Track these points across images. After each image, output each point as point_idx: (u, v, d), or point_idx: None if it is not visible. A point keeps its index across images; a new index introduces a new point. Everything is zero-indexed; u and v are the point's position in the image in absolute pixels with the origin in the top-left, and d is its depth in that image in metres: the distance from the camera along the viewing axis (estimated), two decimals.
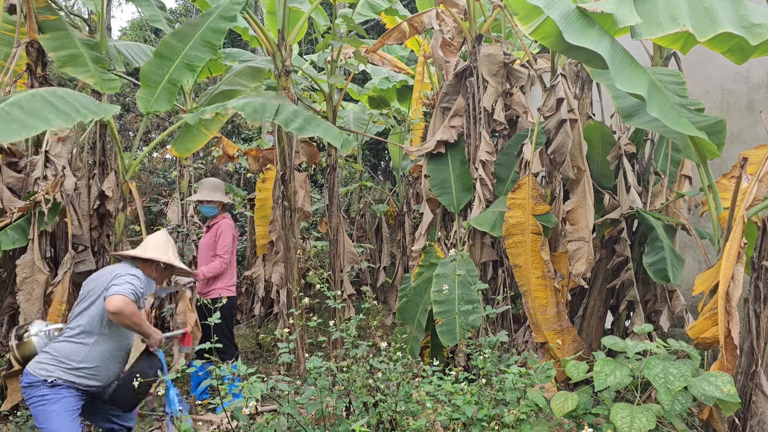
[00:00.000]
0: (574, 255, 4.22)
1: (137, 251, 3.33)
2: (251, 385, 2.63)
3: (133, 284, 3.05)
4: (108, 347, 3.11)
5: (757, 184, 3.18)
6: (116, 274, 3.11)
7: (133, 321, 2.98)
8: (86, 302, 3.12)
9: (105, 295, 2.99)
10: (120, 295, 2.93)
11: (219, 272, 4.89)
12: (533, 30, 3.32)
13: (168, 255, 3.40)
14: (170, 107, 4.40)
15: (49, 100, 3.44)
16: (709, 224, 4.49)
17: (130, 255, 3.32)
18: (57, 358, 2.99)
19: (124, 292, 2.95)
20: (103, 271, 3.31)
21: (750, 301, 3.14)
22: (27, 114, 3.28)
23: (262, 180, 6.14)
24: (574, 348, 4.14)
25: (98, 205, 4.67)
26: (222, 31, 4.45)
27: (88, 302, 3.11)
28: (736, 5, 3.09)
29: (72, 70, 4.38)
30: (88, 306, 3.10)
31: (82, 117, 3.48)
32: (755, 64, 5.38)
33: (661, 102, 3.13)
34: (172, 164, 9.88)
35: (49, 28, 4.44)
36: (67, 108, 3.46)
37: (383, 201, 9.47)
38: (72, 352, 3.01)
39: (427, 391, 2.85)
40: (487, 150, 4.88)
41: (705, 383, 2.58)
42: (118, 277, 3.08)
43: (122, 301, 2.92)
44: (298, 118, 4.06)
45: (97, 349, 3.07)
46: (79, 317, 3.10)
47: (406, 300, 4.83)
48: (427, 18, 5.52)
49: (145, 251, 3.32)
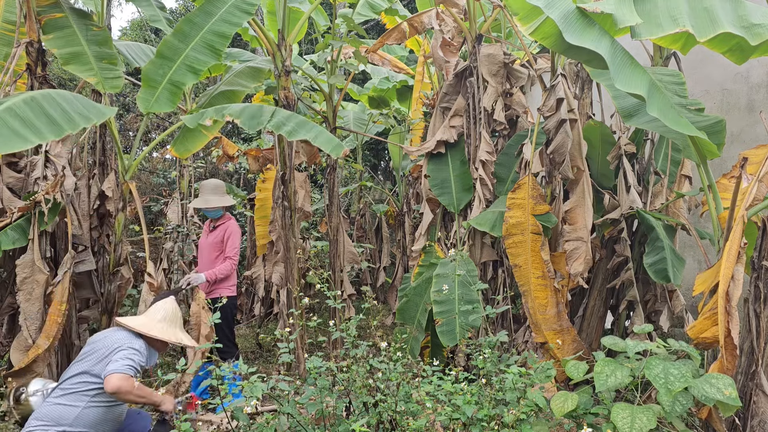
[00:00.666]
0: (572, 255, 4.22)
1: (142, 325, 3.23)
2: (251, 385, 2.64)
3: (133, 360, 2.97)
4: (99, 412, 2.98)
5: (757, 184, 3.18)
6: (117, 347, 3.03)
7: (136, 395, 2.91)
8: (84, 364, 3.02)
9: (103, 372, 2.92)
10: (118, 374, 2.85)
11: (229, 274, 4.90)
12: (533, 30, 3.32)
13: (175, 331, 3.31)
14: (172, 108, 4.41)
15: (43, 108, 3.41)
16: (709, 224, 4.50)
17: (135, 330, 3.21)
18: (47, 424, 2.86)
19: (122, 370, 2.87)
20: (108, 333, 3.20)
21: (750, 301, 3.14)
22: (20, 123, 3.25)
23: (262, 180, 6.14)
24: (574, 348, 4.14)
25: (98, 205, 4.67)
26: (227, 36, 4.44)
27: (85, 365, 3.01)
28: (736, 5, 3.09)
29: (75, 68, 4.37)
30: (85, 370, 3.00)
31: (72, 127, 3.44)
32: (755, 64, 5.38)
33: (661, 102, 3.13)
34: (172, 164, 9.89)
35: (54, 27, 4.43)
36: (59, 117, 3.43)
37: (383, 201, 9.47)
38: (61, 416, 2.88)
39: (427, 391, 2.85)
40: (487, 150, 4.88)
41: (706, 385, 2.58)
42: (119, 351, 3.00)
43: (121, 380, 2.84)
44: (290, 122, 4.12)
45: (88, 413, 2.94)
46: (75, 378, 3.00)
47: (406, 300, 4.83)
48: (427, 18, 5.52)
49: (150, 329, 3.22)
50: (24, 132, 3.24)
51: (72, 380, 3.00)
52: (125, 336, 3.15)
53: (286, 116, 4.18)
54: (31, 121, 3.31)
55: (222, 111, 4.18)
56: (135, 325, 3.23)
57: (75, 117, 3.52)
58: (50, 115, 3.42)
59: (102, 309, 4.65)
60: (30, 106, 3.40)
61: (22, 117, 3.30)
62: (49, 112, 3.44)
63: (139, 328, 3.21)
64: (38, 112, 3.40)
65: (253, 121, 4.08)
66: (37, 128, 3.31)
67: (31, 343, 4.08)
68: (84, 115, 3.58)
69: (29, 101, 3.43)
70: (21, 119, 3.28)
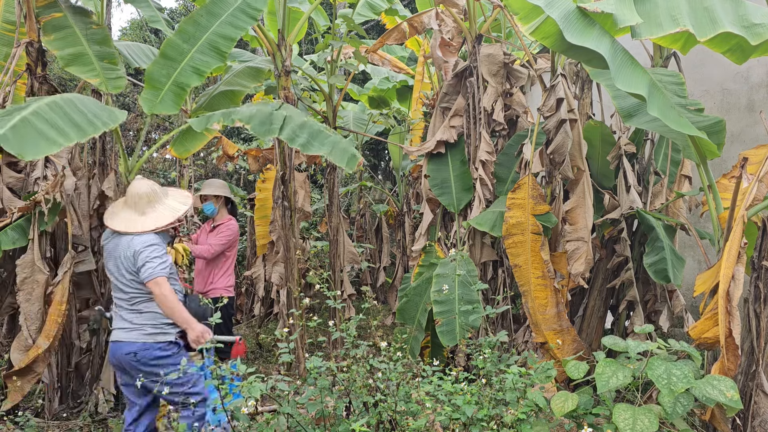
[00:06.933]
0: (573, 255, 4.21)
1: (140, 225, 3.34)
2: (251, 385, 2.63)
3: (166, 261, 3.25)
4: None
5: (757, 184, 3.18)
6: (135, 250, 3.22)
7: (172, 301, 3.19)
8: (121, 282, 3.30)
9: (142, 278, 3.19)
10: (160, 277, 3.17)
11: (201, 255, 4.91)
12: (533, 30, 3.32)
13: (166, 205, 3.50)
14: (176, 110, 4.35)
15: (65, 111, 3.50)
16: (709, 224, 4.49)
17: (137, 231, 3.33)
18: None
19: (163, 274, 3.19)
20: (122, 242, 3.32)
21: (750, 301, 3.15)
22: (48, 126, 3.35)
23: (262, 180, 6.14)
24: (574, 348, 4.14)
25: (98, 205, 4.67)
26: (233, 39, 4.38)
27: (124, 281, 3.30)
28: (736, 5, 3.09)
29: (77, 69, 4.32)
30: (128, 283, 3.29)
31: (94, 130, 3.54)
32: (755, 63, 5.38)
33: (661, 102, 3.13)
34: (172, 164, 9.88)
35: (54, 27, 4.40)
36: (80, 120, 3.52)
37: (383, 201, 9.46)
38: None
39: (426, 391, 2.85)
40: (487, 150, 4.88)
41: (708, 386, 2.58)
42: (140, 254, 3.21)
43: (159, 284, 3.17)
44: (304, 132, 3.94)
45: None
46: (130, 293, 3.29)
47: (406, 300, 4.83)
48: (426, 18, 5.52)
49: (146, 225, 3.36)
50: (51, 134, 3.32)
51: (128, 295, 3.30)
52: (140, 239, 3.30)
53: (299, 124, 3.99)
54: (57, 124, 3.40)
55: (231, 115, 4.03)
56: (135, 227, 3.35)
57: (94, 120, 3.58)
58: (73, 118, 3.49)
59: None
60: (53, 109, 3.47)
61: (51, 120, 3.38)
62: (72, 116, 3.50)
63: (138, 229, 3.34)
64: (61, 114, 3.47)
65: (263, 127, 3.93)
66: (64, 131, 3.39)
67: (31, 343, 4.08)
68: (101, 119, 3.64)
69: (52, 105, 3.49)
70: (48, 123, 3.36)
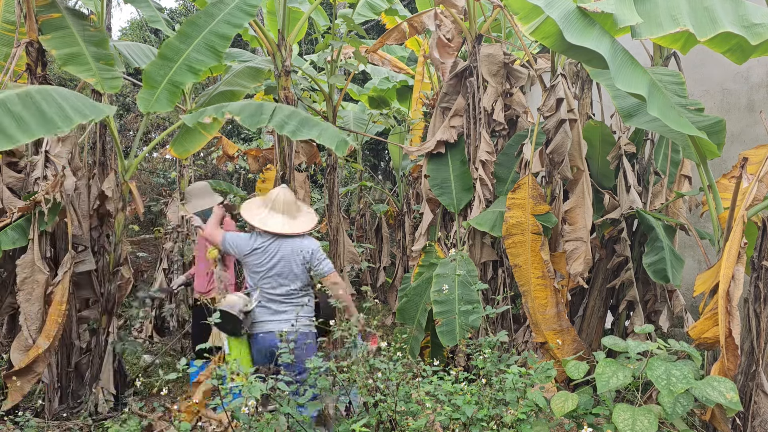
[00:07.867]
0: (572, 255, 4.21)
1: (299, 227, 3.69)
2: (251, 385, 2.63)
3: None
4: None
5: (757, 184, 3.18)
6: (312, 249, 3.61)
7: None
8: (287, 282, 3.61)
9: (323, 272, 3.58)
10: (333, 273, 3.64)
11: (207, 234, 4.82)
12: (533, 30, 3.32)
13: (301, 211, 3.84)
14: (171, 108, 4.41)
15: (37, 103, 3.36)
16: (709, 224, 4.49)
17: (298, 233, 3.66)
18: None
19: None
20: (287, 242, 3.61)
21: (750, 301, 3.14)
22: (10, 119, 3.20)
23: (262, 180, 6.13)
24: (574, 348, 4.14)
25: (98, 205, 4.66)
26: (228, 37, 4.43)
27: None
28: (736, 5, 3.09)
29: (74, 68, 4.36)
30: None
31: (67, 124, 3.39)
32: (755, 63, 5.38)
33: (661, 102, 3.13)
34: (172, 164, 9.88)
35: (52, 27, 4.42)
36: (54, 113, 3.38)
37: (383, 201, 9.46)
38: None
39: (426, 391, 2.85)
40: (487, 150, 4.88)
41: (708, 387, 2.58)
42: (317, 252, 3.63)
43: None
44: (293, 120, 4.04)
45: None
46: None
47: (406, 300, 4.83)
48: (426, 18, 5.52)
49: (301, 226, 3.71)
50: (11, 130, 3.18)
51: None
52: (307, 241, 3.69)
53: (288, 114, 4.10)
54: (21, 117, 3.24)
55: (221, 109, 4.13)
56: (296, 229, 3.67)
57: (70, 113, 3.48)
58: (43, 111, 3.37)
59: (102, 309, 4.65)
60: (23, 100, 3.33)
61: (13, 112, 3.23)
62: (43, 107, 3.38)
63: (298, 230, 3.68)
64: (30, 107, 3.33)
65: (253, 119, 4.02)
66: (27, 124, 3.24)
67: (31, 343, 4.07)
68: (81, 112, 3.53)
69: (22, 96, 3.36)
70: (11, 115, 3.21)
